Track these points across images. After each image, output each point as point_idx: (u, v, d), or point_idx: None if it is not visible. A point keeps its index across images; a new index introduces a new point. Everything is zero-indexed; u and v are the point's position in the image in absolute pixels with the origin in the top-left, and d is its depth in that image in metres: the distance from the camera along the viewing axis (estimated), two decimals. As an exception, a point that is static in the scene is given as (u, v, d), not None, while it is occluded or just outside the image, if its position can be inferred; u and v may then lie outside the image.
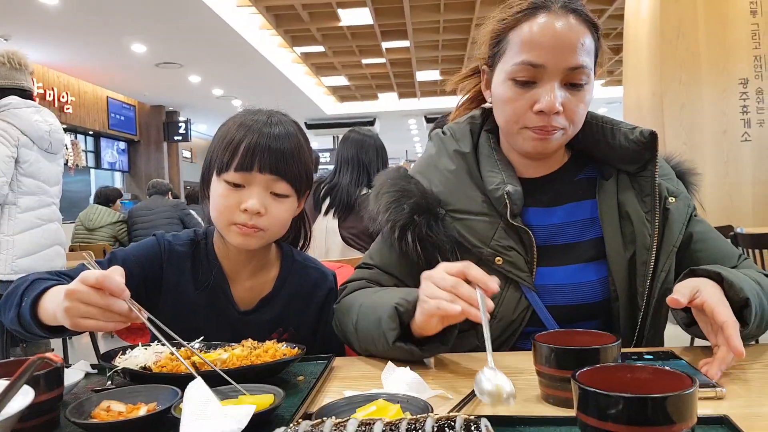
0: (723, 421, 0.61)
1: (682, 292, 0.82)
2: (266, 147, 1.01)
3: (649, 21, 4.45)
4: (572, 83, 0.96)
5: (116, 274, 0.79)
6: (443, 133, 1.15)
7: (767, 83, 4.25)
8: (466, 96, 1.19)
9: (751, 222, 4.09)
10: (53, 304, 0.85)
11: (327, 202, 2.68)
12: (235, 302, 1.11)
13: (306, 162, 1.07)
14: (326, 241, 2.65)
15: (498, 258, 1.01)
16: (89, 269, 0.82)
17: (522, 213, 1.03)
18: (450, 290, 0.82)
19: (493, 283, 0.82)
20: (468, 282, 0.83)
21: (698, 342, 0.94)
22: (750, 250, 3.08)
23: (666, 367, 0.55)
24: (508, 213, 1.00)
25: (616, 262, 1.02)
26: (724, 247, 1.07)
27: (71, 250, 4.62)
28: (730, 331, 0.77)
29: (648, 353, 0.91)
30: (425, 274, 0.89)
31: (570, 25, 0.94)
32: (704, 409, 0.65)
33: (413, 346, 0.89)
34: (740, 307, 0.86)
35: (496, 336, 1.01)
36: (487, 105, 1.15)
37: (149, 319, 0.81)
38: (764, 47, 4.25)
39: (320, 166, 11.15)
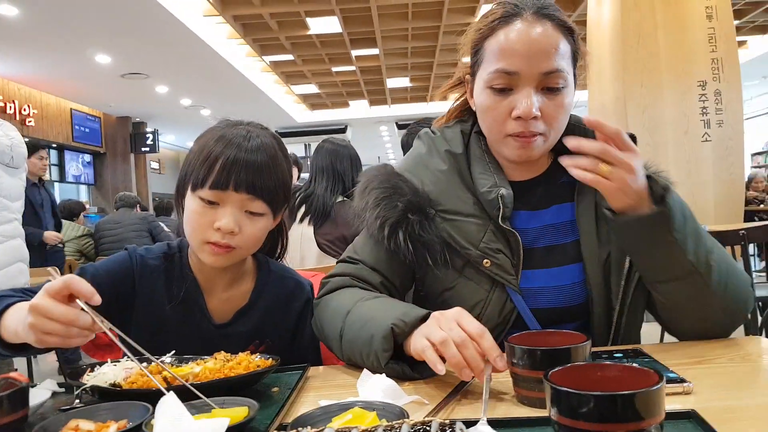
0: (690, 415, 0.62)
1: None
2: (243, 164, 0.99)
3: (611, 26, 4.56)
4: (549, 87, 0.96)
5: (82, 279, 0.77)
6: (433, 132, 1.14)
7: (725, 85, 4.39)
8: (456, 103, 1.17)
9: (713, 220, 4.22)
10: (15, 321, 0.82)
11: (302, 209, 2.68)
12: (210, 315, 1.09)
13: (283, 178, 1.05)
14: (301, 249, 2.65)
15: (486, 260, 1.01)
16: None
17: (510, 216, 1.04)
18: (457, 345, 0.78)
19: (502, 360, 0.77)
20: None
21: (668, 338, 0.96)
22: (713, 248, 3.16)
23: (634, 365, 0.57)
24: (500, 216, 1.01)
25: (592, 264, 1.03)
26: None
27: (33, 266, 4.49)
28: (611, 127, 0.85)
29: (617, 351, 0.93)
30: (434, 314, 0.86)
31: (543, 31, 0.95)
32: (672, 404, 0.66)
33: (406, 367, 0.87)
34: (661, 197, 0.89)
35: None
36: None
37: (115, 334, 0.79)
38: (721, 50, 4.40)
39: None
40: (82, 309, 0.77)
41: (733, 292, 0.95)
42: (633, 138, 0.99)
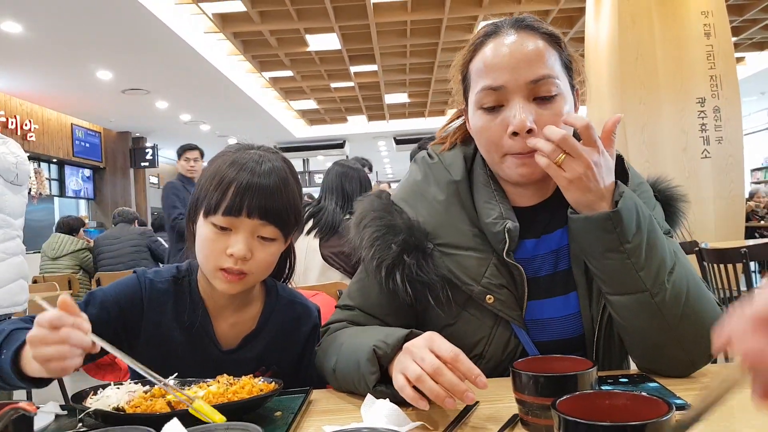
0: (699, 443, 0.62)
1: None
2: (255, 190, 0.98)
3: (608, 44, 4.60)
4: (540, 97, 0.91)
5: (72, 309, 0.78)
6: (430, 157, 1.08)
7: (724, 101, 4.42)
8: (455, 126, 1.12)
9: (713, 237, 4.22)
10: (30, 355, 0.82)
11: (310, 223, 2.74)
12: (217, 341, 1.08)
13: (294, 202, 1.04)
14: (306, 260, 2.69)
15: (489, 296, 0.96)
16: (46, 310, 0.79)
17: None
18: (431, 375, 0.76)
19: (482, 378, 0.76)
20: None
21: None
22: (715, 265, 3.16)
23: (642, 393, 0.56)
24: (505, 250, 0.95)
25: (582, 291, 0.98)
26: None
27: (34, 281, 4.48)
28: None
29: (623, 376, 0.92)
30: (406, 346, 0.83)
31: (523, 41, 0.93)
32: None
33: (395, 390, 0.82)
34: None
35: (486, 376, 0.94)
36: None
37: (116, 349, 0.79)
38: (719, 67, 4.44)
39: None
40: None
41: (692, 324, 0.87)
42: (620, 158, 0.96)
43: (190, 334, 1.07)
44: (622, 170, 0.96)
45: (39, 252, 5.37)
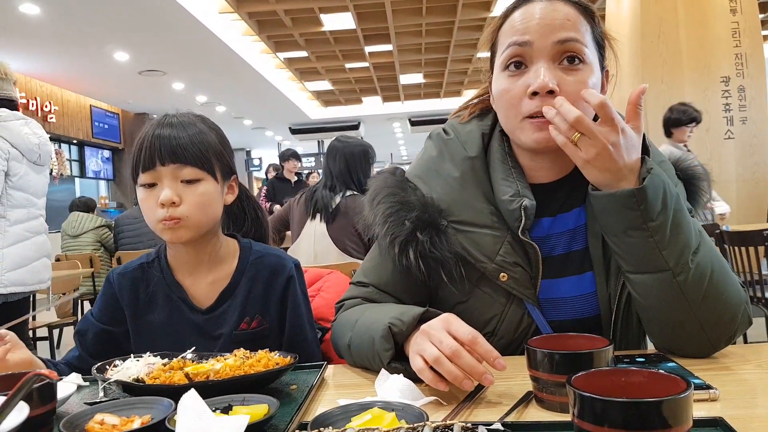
0: (718, 423, 0.61)
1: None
2: (164, 139, 1.04)
3: (630, 21, 4.50)
4: (567, 59, 0.90)
5: None
6: (446, 133, 1.07)
7: (749, 81, 4.32)
8: (476, 100, 1.11)
9: (735, 220, 4.15)
10: None
11: (313, 207, 2.77)
12: (193, 303, 1.12)
13: (209, 142, 1.08)
14: (315, 245, 2.68)
15: (503, 274, 0.96)
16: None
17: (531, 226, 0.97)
18: (450, 357, 0.76)
19: (500, 361, 0.76)
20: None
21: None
22: (735, 248, 3.11)
23: (660, 371, 0.56)
24: (521, 228, 0.94)
25: (599, 271, 0.97)
26: None
27: (57, 259, 4.56)
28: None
29: (640, 356, 0.91)
30: (423, 328, 0.83)
31: (554, 6, 0.91)
32: (698, 411, 0.65)
33: (409, 366, 0.83)
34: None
35: None
36: None
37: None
38: (745, 45, 4.33)
39: (305, 170, 11.39)
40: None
41: (714, 306, 0.86)
42: (643, 138, 0.92)
43: (168, 305, 1.11)
44: (642, 146, 0.92)
45: (59, 231, 5.45)
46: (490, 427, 0.61)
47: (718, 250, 0.93)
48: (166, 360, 0.90)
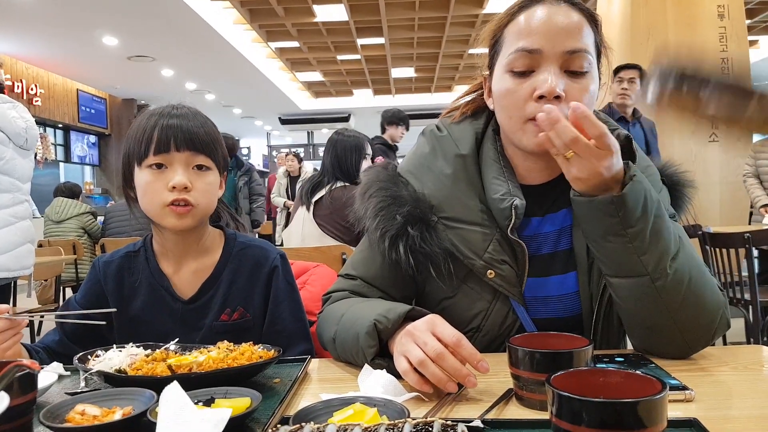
0: (692, 423, 0.62)
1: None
2: (178, 127, 1.05)
3: (620, 23, 4.53)
4: (573, 70, 0.91)
5: None
6: (438, 130, 1.08)
7: (734, 85, 4.36)
8: (468, 98, 1.11)
9: (718, 222, 4.21)
10: None
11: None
12: (176, 293, 1.12)
13: (218, 138, 1.11)
14: (303, 229, 2.81)
15: (490, 271, 0.97)
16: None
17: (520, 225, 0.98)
18: (434, 359, 0.77)
19: (484, 364, 0.77)
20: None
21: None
22: (717, 249, 3.16)
23: (637, 371, 0.57)
24: (510, 227, 0.96)
25: (582, 272, 0.99)
26: None
27: (39, 246, 4.51)
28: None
29: (619, 355, 0.93)
30: (408, 329, 0.83)
31: (566, 12, 0.92)
32: (674, 411, 0.66)
33: (392, 363, 0.84)
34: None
35: (481, 350, 0.94)
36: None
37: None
38: (731, 50, 4.37)
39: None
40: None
41: (692, 310, 0.88)
42: (628, 138, 0.95)
43: (151, 294, 1.12)
44: (629, 151, 0.94)
45: (43, 217, 5.39)
46: (470, 424, 0.63)
47: (699, 255, 0.94)
48: (149, 351, 0.90)
